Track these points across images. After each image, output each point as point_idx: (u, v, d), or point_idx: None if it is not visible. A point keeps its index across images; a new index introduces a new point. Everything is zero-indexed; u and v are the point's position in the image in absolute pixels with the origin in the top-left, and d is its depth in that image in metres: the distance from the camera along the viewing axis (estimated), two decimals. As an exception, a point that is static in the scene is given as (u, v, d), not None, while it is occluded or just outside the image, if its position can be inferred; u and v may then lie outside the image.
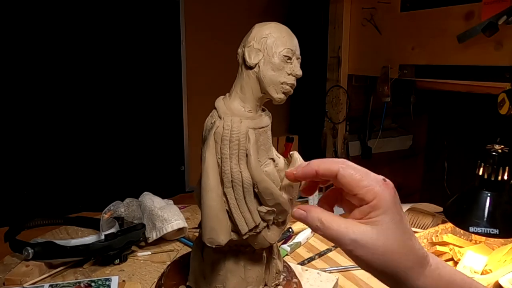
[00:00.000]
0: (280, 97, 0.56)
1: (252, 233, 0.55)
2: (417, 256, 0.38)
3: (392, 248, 0.37)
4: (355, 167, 0.40)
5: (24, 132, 1.44)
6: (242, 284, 0.60)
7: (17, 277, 0.81)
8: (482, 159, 0.85)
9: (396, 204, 0.38)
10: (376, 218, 0.37)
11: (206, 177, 0.53)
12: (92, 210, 1.10)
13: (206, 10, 1.77)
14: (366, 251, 0.37)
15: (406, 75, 1.45)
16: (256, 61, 0.55)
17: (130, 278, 0.84)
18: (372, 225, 0.37)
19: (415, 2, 1.38)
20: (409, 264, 0.37)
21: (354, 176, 0.39)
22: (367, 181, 0.38)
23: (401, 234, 0.38)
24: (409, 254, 0.38)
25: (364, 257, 0.37)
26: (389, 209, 0.38)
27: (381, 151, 1.88)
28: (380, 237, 0.37)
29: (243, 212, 0.54)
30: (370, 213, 0.38)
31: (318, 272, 0.78)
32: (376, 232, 0.37)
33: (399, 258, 0.37)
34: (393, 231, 0.37)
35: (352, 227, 0.38)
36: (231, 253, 0.59)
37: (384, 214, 0.37)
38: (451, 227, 0.96)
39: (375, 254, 0.37)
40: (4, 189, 1.42)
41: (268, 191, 0.51)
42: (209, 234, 0.53)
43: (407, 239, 0.38)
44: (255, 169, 0.53)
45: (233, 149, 0.53)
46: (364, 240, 0.37)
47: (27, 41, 1.39)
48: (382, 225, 0.37)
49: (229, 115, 0.54)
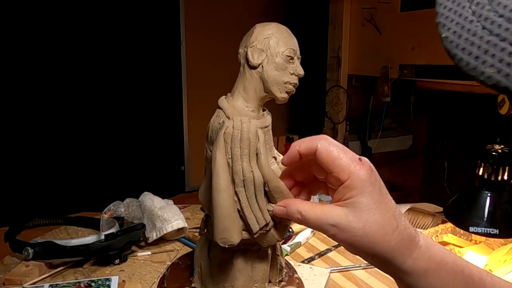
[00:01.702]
0: (284, 97, 0.57)
1: (263, 231, 0.55)
2: (402, 236, 0.36)
3: (372, 229, 0.35)
4: (334, 143, 0.38)
5: (24, 132, 1.44)
6: (249, 282, 0.60)
7: (17, 277, 0.80)
8: (482, 159, 0.85)
9: (373, 183, 0.36)
10: (352, 199, 0.36)
11: (217, 177, 0.53)
12: (92, 210, 1.10)
13: (206, 10, 1.77)
14: (347, 235, 0.36)
15: (406, 75, 1.45)
16: (259, 61, 0.55)
17: (130, 278, 0.84)
18: (349, 207, 0.36)
19: (415, 2, 1.38)
20: (392, 245, 0.36)
21: (331, 153, 0.37)
22: (343, 160, 0.37)
23: (381, 214, 0.36)
24: (392, 234, 0.36)
25: (347, 240, 0.36)
26: (365, 189, 0.36)
27: (381, 151, 1.88)
28: (360, 219, 0.36)
29: (254, 211, 0.54)
30: (346, 194, 0.36)
31: (311, 266, 0.79)
32: (354, 214, 0.36)
33: (381, 240, 0.36)
34: (372, 211, 0.36)
35: (330, 211, 0.37)
36: (239, 252, 0.60)
37: (360, 194, 0.36)
38: (451, 227, 0.96)
39: (356, 236, 0.36)
40: (4, 189, 1.42)
41: (278, 189, 0.52)
42: (222, 234, 0.53)
43: (389, 219, 0.36)
44: (265, 167, 0.53)
45: (244, 148, 0.53)
46: (342, 224, 0.36)
47: (28, 41, 1.39)
48: (360, 206, 0.36)
49: (238, 115, 0.55)
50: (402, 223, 0.37)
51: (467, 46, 0.25)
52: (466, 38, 0.25)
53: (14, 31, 1.37)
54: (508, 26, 0.23)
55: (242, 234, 0.55)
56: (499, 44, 0.23)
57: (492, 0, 0.24)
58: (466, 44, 0.25)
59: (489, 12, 0.24)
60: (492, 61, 0.23)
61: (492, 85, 0.24)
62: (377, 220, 0.36)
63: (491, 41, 0.24)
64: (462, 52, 0.25)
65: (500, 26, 0.23)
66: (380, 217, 0.36)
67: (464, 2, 0.26)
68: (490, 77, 0.24)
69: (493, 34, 0.23)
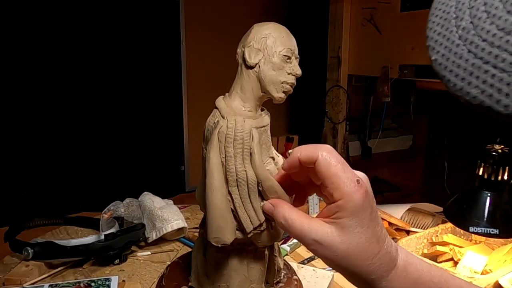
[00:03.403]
0: (281, 96, 0.57)
1: (257, 231, 0.55)
2: (382, 261, 0.37)
3: (354, 252, 0.36)
4: (336, 158, 0.37)
5: (24, 132, 1.44)
6: (245, 282, 0.60)
7: (17, 277, 0.81)
8: (482, 159, 0.85)
9: (366, 208, 0.36)
10: (341, 220, 0.36)
11: (211, 176, 0.53)
12: (92, 210, 1.10)
13: (206, 10, 1.77)
14: (328, 252, 0.36)
15: (406, 75, 1.45)
16: (256, 60, 0.55)
17: (130, 278, 0.84)
18: (336, 226, 0.36)
19: (415, 2, 1.38)
20: (371, 269, 0.36)
21: (330, 168, 0.37)
22: (341, 178, 0.36)
23: (366, 239, 0.36)
24: (373, 259, 0.36)
25: (327, 257, 0.37)
26: (356, 213, 0.36)
27: (381, 151, 1.88)
28: (344, 241, 0.36)
29: (248, 210, 0.54)
30: (337, 213, 0.36)
31: (314, 269, 0.79)
32: (340, 234, 0.36)
33: (361, 263, 0.36)
34: (358, 235, 0.36)
35: (316, 227, 0.37)
36: (235, 252, 0.60)
37: (350, 216, 0.36)
38: (451, 227, 0.96)
39: (337, 256, 0.36)
40: (4, 189, 1.42)
41: (272, 189, 0.51)
42: (215, 233, 0.53)
43: (372, 244, 0.36)
44: (259, 167, 0.53)
45: (237, 148, 0.53)
46: (326, 242, 0.36)
47: (28, 41, 1.39)
48: (347, 229, 0.36)
49: (232, 114, 0.55)
50: (384, 247, 0.37)
51: (454, 68, 0.26)
52: (453, 60, 0.26)
53: (14, 31, 1.37)
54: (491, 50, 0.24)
55: (235, 234, 0.55)
56: (482, 66, 0.25)
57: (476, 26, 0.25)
58: (453, 66, 0.26)
59: (474, 37, 0.25)
60: (476, 82, 0.25)
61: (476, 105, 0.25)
62: (360, 244, 0.36)
63: (475, 63, 0.25)
64: (449, 74, 0.27)
65: (483, 49, 0.25)
66: (364, 242, 0.36)
67: (451, 27, 0.27)
68: (475, 97, 0.25)
69: (478, 57, 0.25)
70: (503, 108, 0.24)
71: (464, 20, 0.27)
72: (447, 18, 0.28)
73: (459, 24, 0.27)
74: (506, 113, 0.24)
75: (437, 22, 0.29)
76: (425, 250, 0.92)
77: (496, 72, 0.24)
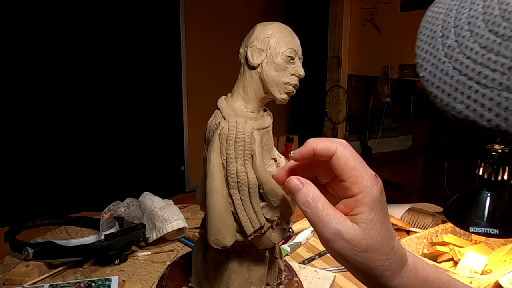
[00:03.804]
0: (283, 97, 0.56)
1: (257, 233, 0.55)
2: (396, 256, 0.38)
3: (373, 247, 0.36)
4: (354, 153, 0.38)
5: (24, 132, 1.44)
6: (245, 284, 0.60)
7: (17, 277, 0.80)
8: (482, 159, 0.85)
9: (382, 203, 0.37)
10: (361, 215, 0.36)
11: (211, 178, 0.53)
12: (92, 210, 1.10)
13: (206, 10, 1.77)
14: (346, 246, 0.36)
15: (406, 75, 1.45)
16: (259, 61, 0.54)
17: (130, 278, 0.84)
18: (357, 221, 0.36)
19: (415, 2, 1.39)
20: (387, 264, 0.37)
21: (348, 161, 0.37)
22: (360, 172, 0.37)
23: (384, 234, 0.37)
24: (388, 254, 0.37)
25: (342, 250, 0.37)
26: (375, 207, 0.36)
27: (381, 151, 1.88)
28: (365, 236, 0.36)
29: (248, 213, 0.53)
30: (356, 208, 0.37)
31: (316, 269, 0.79)
32: (362, 231, 0.36)
33: (378, 258, 0.36)
34: (377, 230, 0.36)
35: (339, 218, 0.37)
36: (235, 254, 0.59)
37: (369, 211, 0.36)
38: (451, 227, 0.96)
39: (356, 251, 0.36)
40: (4, 189, 1.42)
41: (273, 192, 0.51)
42: (215, 236, 0.53)
43: (389, 239, 0.37)
44: (260, 170, 0.53)
45: (238, 150, 0.53)
46: (348, 235, 0.36)
47: (28, 41, 1.39)
48: (368, 223, 0.36)
49: (234, 115, 0.54)
50: (396, 243, 0.38)
51: (440, 85, 0.28)
52: (440, 77, 0.28)
53: (14, 31, 1.37)
54: (474, 67, 0.26)
55: (236, 236, 0.55)
56: (467, 82, 0.26)
57: (461, 44, 0.27)
58: (440, 82, 0.28)
59: (459, 54, 0.27)
60: (461, 98, 0.27)
61: (461, 119, 0.27)
62: (379, 239, 0.37)
63: (460, 80, 0.27)
64: (436, 90, 0.28)
65: (467, 66, 0.26)
66: (382, 236, 0.37)
67: (438, 45, 0.29)
68: (460, 112, 0.27)
69: (462, 74, 0.26)
70: (486, 122, 0.26)
71: (449, 38, 0.28)
72: (434, 36, 0.29)
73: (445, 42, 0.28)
74: (489, 127, 0.26)
75: (424, 40, 0.30)
76: (425, 250, 0.92)
77: (479, 88, 0.26)
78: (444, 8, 0.30)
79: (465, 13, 0.28)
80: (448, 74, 0.27)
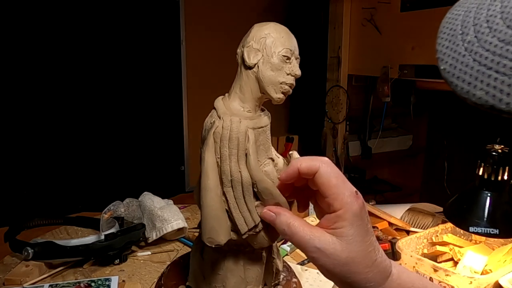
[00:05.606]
0: (279, 97, 0.56)
1: (252, 232, 0.55)
2: (379, 269, 0.39)
3: (354, 260, 0.38)
4: (335, 170, 0.40)
5: (24, 132, 1.44)
6: (241, 283, 0.60)
7: (17, 277, 0.81)
8: (482, 159, 0.85)
9: (363, 218, 0.39)
10: (341, 229, 0.38)
11: (206, 177, 0.53)
12: (92, 210, 1.10)
13: (206, 10, 1.77)
14: (328, 261, 0.38)
15: (406, 75, 1.45)
16: (255, 61, 0.55)
17: (130, 278, 0.84)
18: (337, 236, 0.38)
19: (415, 2, 1.38)
20: (369, 276, 0.38)
21: (330, 179, 0.39)
22: (340, 189, 0.39)
23: (365, 247, 0.38)
24: (371, 267, 0.39)
25: (327, 266, 0.38)
26: (355, 222, 0.38)
27: (381, 151, 1.88)
28: (344, 249, 0.38)
29: (242, 211, 0.54)
30: (337, 223, 0.38)
31: (318, 272, 0.78)
32: (340, 243, 0.38)
33: (359, 271, 0.38)
34: (357, 244, 0.38)
35: (318, 235, 0.39)
36: (231, 253, 0.59)
37: (350, 226, 0.38)
38: (451, 227, 0.96)
39: (337, 264, 0.38)
40: (4, 189, 1.42)
41: (267, 191, 0.51)
42: (208, 234, 0.53)
43: (370, 252, 0.39)
44: (254, 168, 0.53)
45: (232, 148, 0.53)
46: (328, 250, 0.38)
47: (27, 41, 1.39)
48: (347, 237, 0.38)
49: (229, 115, 0.54)
50: (379, 255, 0.40)
51: (461, 75, 0.31)
52: (460, 68, 0.31)
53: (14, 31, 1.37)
54: (493, 58, 0.29)
55: (230, 235, 0.55)
56: (486, 72, 0.29)
57: (480, 39, 0.30)
58: (460, 73, 0.31)
59: (478, 48, 0.30)
60: (481, 85, 0.30)
61: (481, 104, 0.30)
62: (360, 252, 0.38)
63: (480, 70, 0.30)
64: (457, 80, 0.31)
65: (486, 58, 0.29)
66: (364, 250, 0.38)
67: (458, 41, 0.32)
68: (480, 98, 0.30)
69: (481, 64, 0.30)
70: (504, 105, 0.28)
71: (469, 35, 0.31)
72: (454, 34, 0.33)
73: (465, 38, 0.32)
74: (507, 109, 0.28)
75: (445, 38, 0.34)
76: (425, 250, 0.92)
77: (498, 76, 0.28)
78: (463, 10, 0.33)
79: (483, 13, 0.31)
80: (468, 66, 0.30)
